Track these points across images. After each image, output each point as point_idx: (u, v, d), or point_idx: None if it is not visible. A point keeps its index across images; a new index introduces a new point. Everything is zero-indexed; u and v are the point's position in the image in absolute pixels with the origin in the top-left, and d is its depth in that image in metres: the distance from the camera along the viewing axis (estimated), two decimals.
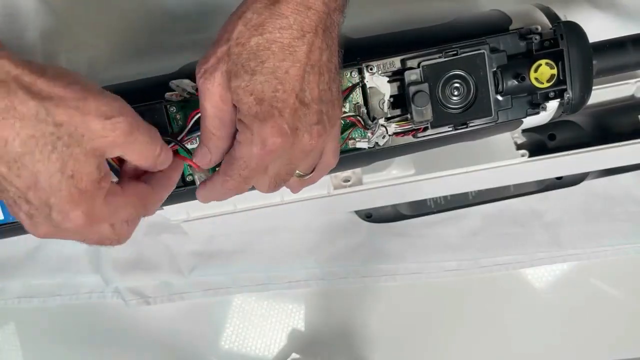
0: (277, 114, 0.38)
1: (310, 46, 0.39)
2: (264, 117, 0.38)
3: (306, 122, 0.40)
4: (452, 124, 0.49)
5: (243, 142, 0.39)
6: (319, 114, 0.40)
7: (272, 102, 0.38)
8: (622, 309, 0.75)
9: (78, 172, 0.35)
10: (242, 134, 0.39)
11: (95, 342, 0.75)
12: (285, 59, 0.38)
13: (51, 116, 0.34)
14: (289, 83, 0.38)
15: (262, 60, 0.38)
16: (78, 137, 0.35)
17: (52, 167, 0.35)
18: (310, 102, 0.40)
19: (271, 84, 0.38)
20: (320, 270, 0.74)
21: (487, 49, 0.48)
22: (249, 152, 0.39)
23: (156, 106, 0.46)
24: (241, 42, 0.38)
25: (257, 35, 0.38)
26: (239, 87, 0.38)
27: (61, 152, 0.35)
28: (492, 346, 0.74)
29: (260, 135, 0.39)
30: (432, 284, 0.75)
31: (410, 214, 0.74)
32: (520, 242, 0.75)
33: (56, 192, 0.35)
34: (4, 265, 0.74)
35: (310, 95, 0.40)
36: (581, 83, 0.49)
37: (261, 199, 0.66)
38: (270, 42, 0.38)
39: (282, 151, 0.40)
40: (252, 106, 0.38)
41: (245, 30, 0.38)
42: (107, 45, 0.70)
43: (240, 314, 0.75)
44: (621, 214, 0.75)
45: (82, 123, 0.35)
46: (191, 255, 0.74)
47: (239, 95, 0.38)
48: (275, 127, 0.38)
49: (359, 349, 0.74)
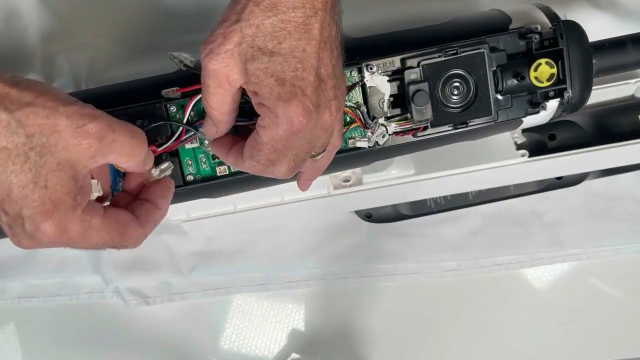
0: (300, 92, 0.38)
1: (322, 23, 0.39)
2: (287, 97, 0.38)
3: (325, 98, 0.40)
4: (452, 123, 0.49)
5: (268, 125, 0.39)
6: (334, 89, 0.40)
7: (294, 82, 0.38)
8: (622, 309, 0.75)
9: (52, 183, 0.35)
10: (267, 118, 0.39)
11: (95, 342, 0.75)
12: (301, 38, 0.38)
13: (22, 127, 0.34)
14: (308, 61, 0.38)
15: (280, 40, 0.38)
16: (51, 148, 0.35)
17: (25, 178, 0.35)
18: (326, 79, 0.40)
19: (291, 64, 0.38)
20: (320, 270, 0.74)
21: (487, 48, 0.48)
22: (275, 134, 0.39)
23: (156, 105, 0.46)
24: (255, 24, 0.38)
25: (272, 16, 0.38)
26: (259, 69, 0.38)
27: (34, 162, 0.35)
28: (492, 346, 0.74)
29: (287, 116, 0.38)
30: (432, 284, 0.75)
31: (410, 214, 0.74)
32: (520, 242, 0.75)
33: (29, 203, 0.35)
34: (4, 265, 0.74)
35: (325, 72, 0.40)
36: (581, 82, 0.49)
37: (261, 199, 0.66)
38: (285, 23, 0.38)
39: (308, 129, 0.39)
40: (274, 87, 0.38)
41: (259, 11, 0.38)
42: (107, 45, 0.70)
43: (240, 314, 0.75)
44: (621, 214, 0.75)
45: (53, 133, 0.35)
46: (191, 255, 0.74)
47: (258, 78, 0.38)
48: (299, 106, 0.38)
49: (359, 349, 0.74)
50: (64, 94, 0.37)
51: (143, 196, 0.43)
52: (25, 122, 0.34)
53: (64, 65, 0.68)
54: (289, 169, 0.42)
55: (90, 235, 0.38)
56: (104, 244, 0.39)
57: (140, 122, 0.45)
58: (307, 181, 0.47)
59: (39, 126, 0.35)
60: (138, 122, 0.45)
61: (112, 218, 0.39)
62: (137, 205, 0.42)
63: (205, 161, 0.48)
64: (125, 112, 0.45)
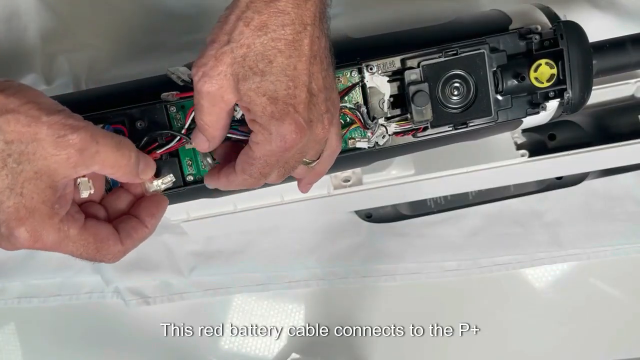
0: (292, 110, 0.38)
1: (311, 37, 0.39)
2: (280, 115, 0.38)
3: (318, 113, 0.40)
4: (452, 123, 0.49)
5: (261, 142, 0.39)
6: (326, 102, 0.41)
7: (287, 100, 0.38)
8: (622, 309, 0.75)
9: (28, 191, 0.35)
10: (260, 135, 0.39)
11: (95, 342, 0.75)
12: (292, 55, 0.38)
13: (2, 133, 0.35)
14: (299, 78, 0.39)
15: (270, 60, 0.38)
16: (29, 156, 0.35)
17: (1, 184, 0.35)
18: (317, 92, 0.40)
19: (282, 82, 0.38)
20: (320, 270, 0.74)
21: (487, 49, 0.48)
22: (269, 150, 0.40)
23: (156, 106, 0.46)
24: (245, 44, 0.38)
25: (262, 35, 0.38)
26: (250, 89, 0.38)
27: (11, 169, 0.35)
28: (492, 346, 0.74)
29: (280, 133, 0.39)
30: (432, 284, 0.75)
31: (410, 214, 0.74)
32: (520, 242, 0.75)
33: (4, 208, 0.35)
34: (4, 265, 0.74)
35: (316, 86, 0.40)
36: (581, 83, 0.49)
37: (261, 199, 0.66)
38: (275, 41, 0.38)
39: (300, 145, 0.40)
40: (266, 106, 0.38)
41: (249, 31, 0.38)
42: (107, 45, 0.70)
43: (240, 314, 0.75)
44: (621, 214, 0.75)
45: (33, 142, 0.35)
46: (191, 255, 0.74)
47: (250, 97, 0.38)
48: (292, 124, 0.38)
49: (359, 349, 0.74)
50: (51, 103, 0.37)
51: (132, 211, 0.44)
52: (5, 129, 0.35)
53: (64, 65, 0.68)
54: (278, 176, 0.43)
55: (65, 244, 0.38)
56: (79, 255, 0.40)
57: (140, 123, 0.45)
58: (307, 185, 0.48)
59: (19, 133, 0.35)
60: (138, 123, 0.45)
61: (90, 231, 0.40)
62: (123, 220, 0.42)
63: None
64: (125, 113, 0.45)
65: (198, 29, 0.69)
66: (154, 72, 0.52)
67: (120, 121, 0.45)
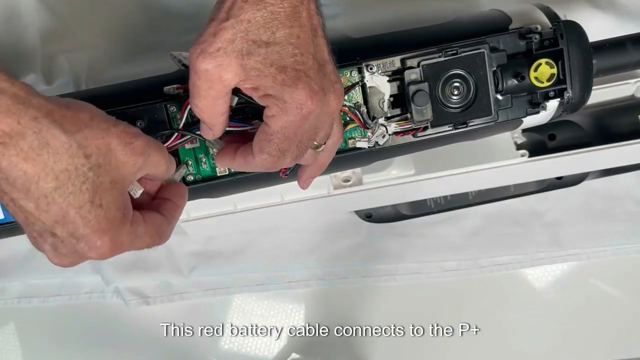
0: (303, 75, 0.38)
1: (309, 11, 0.39)
2: (292, 81, 0.38)
3: (329, 81, 0.40)
4: (452, 123, 0.49)
5: (277, 114, 0.39)
6: (334, 73, 0.41)
7: (295, 66, 0.38)
8: (622, 309, 0.75)
9: (106, 201, 0.36)
10: (274, 107, 0.39)
11: (95, 342, 0.75)
12: (293, 25, 0.38)
13: (82, 148, 0.35)
14: (304, 46, 0.39)
15: (273, 31, 0.38)
16: (105, 166, 0.36)
17: (82, 198, 0.35)
18: (324, 63, 0.40)
19: (288, 51, 0.38)
20: (320, 270, 0.74)
21: (487, 49, 0.48)
22: (286, 121, 0.39)
23: (156, 106, 0.46)
24: (246, 19, 0.38)
25: (261, 9, 0.38)
26: (257, 61, 0.38)
27: (92, 182, 0.36)
28: (492, 346, 0.74)
29: (295, 99, 0.38)
30: (432, 284, 0.75)
31: (410, 214, 0.74)
32: (520, 242, 0.75)
33: (86, 222, 0.36)
34: (4, 265, 0.74)
35: (322, 56, 0.40)
36: (581, 82, 0.49)
37: (261, 199, 0.66)
38: (275, 14, 0.38)
39: (317, 112, 0.39)
40: (276, 75, 0.38)
41: (248, 6, 0.38)
42: (107, 45, 0.70)
43: (240, 314, 0.75)
44: (621, 214, 0.75)
45: (108, 152, 0.36)
46: (191, 255, 0.74)
47: (259, 70, 0.38)
48: (306, 87, 0.38)
49: (359, 349, 0.74)
50: (105, 114, 0.38)
51: (163, 195, 0.44)
52: (85, 143, 0.35)
53: (64, 65, 0.68)
54: (292, 158, 0.42)
55: (137, 243, 0.40)
56: (144, 247, 0.41)
57: (140, 123, 0.45)
58: (308, 179, 0.47)
59: (96, 146, 0.36)
60: (138, 123, 0.45)
61: (150, 222, 0.41)
62: (161, 204, 0.44)
63: (205, 161, 0.48)
64: (126, 112, 0.45)
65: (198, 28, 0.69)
66: (153, 72, 0.52)
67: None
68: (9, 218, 0.48)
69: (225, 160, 0.45)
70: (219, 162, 0.46)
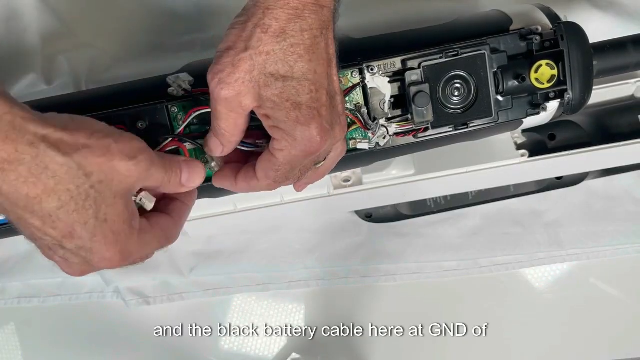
0: (317, 114, 0.39)
1: (327, 41, 0.39)
2: (305, 120, 0.39)
3: (336, 115, 0.41)
4: (452, 124, 0.49)
5: (286, 148, 0.40)
6: (342, 103, 0.42)
7: (310, 104, 0.38)
8: (622, 309, 0.75)
9: (111, 215, 0.37)
10: (284, 141, 0.40)
11: (95, 342, 0.75)
12: (311, 60, 0.38)
13: (82, 168, 0.35)
14: (320, 82, 0.39)
15: (291, 65, 0.38)
16: (107, 182, 0.36)
17: (87, 215, 0.36)
18: (334, 95, 0.41)
19: (305, 87, 0.38)
20: (320, 270, 0.74)
21: (488, 50, 0.48)
22: (294, 156, 0.40)
23: (157, 107, 0.46)
24: (265, 51, 0.38)
25: (281, 42, 0.38)
26: (274, 95, 0.38)
27: (94, 199, 0.36)
28: (492, 346, 0.74)
29: (305, 138, 0.39)
30: (431, 284, 0.75)
31: (410, 214, 0.74)
32: (520, 242, 0.75)
33: (92, 237, 0.36)
34: (4, 265, 0.73)
35: (333, 89, 0.41)
36: (581, 83, 0.49)
37: (261, 199, 0.66)
38: (295, 47, 0.38)
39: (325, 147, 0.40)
40: (290, 112, 0.38)
41: (267, 38, 0.38)
42: (107, 45, 0.70)
43: (240, 314, 0.75)
44: (621, 214, 0.75)
45: (110, 169, 0.36)
46: (191, 255, 0.74)
47: (274, 103, 0.38)
48: (318, 128, 0.39)
49: (359, 349, 0.74)
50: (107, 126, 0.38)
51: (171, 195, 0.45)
52: (84, 163, 0.36)
53: (64, 65, 0.68)
54: (294, 179, 0.44)
55: (146, 251, 0.40)
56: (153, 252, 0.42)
57: (141, 124, 0.45)
58: (305, 184, 0.48)
59: (97, 164, 0.36)
60: (139, 123, 0.45)
61: (157, 227, 0.41)
62: (169, 205, 0.44)
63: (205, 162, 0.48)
64: (127, 113, 0.45)
65: (198, 29, 0.69)
66: (154, 72, 0.52)
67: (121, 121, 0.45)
68: None
69: (226, 184, 0.46)
70: (218, 183, 0.46)
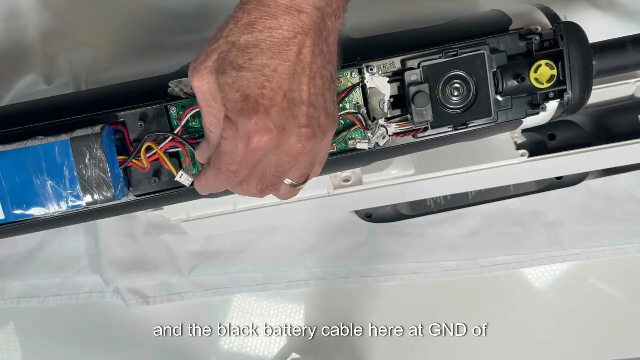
0: (262, 110, 0.38)
1: (301, 47, 0.39)
2: (248, 113, 0.38)
3: (294, 124, 0.39)
4: (452, 124, 0.49)
5: (228, 137, 0.39)
6: (308, 117, 0.40)
7: (259, 99, 0.38)
8: (622, 309, 0.75)
9: None
10: (227, 130, 0.39)
11: (95, 342, 0.75)
12: (274, 57, 0.38)
13: None
14: (277, 81, 0.38)
15: (251, 57, 0.38)
16: None
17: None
18: (299, 104, 0.39)
19: (258, 81, 0.38)
20: (320, 270, 0.74)
21: (487, 50, 0.48)
22: (234, 147, 0.39)
23: (156, 106, 0.46)
24: (231, 40, 0.38)
25: (247, 34, 0.38)
26: (226, 83, 0.38)
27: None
28: (492, 346, 0.74)
29: (245, 131, 0.38)
30: (431, 283, 0.75)
31: (410, 214, 0.74)
32: (520, 242, 0.75)
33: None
34: (4, 265, 0.74)
35: (299, 97, 0.39)
36: (581, 84, 0.49)
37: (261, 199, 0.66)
38: (259, 41, 0.38)
39: (267, 149, 0.39)
40: (237, 102, 0.38)
41: (236, 29, 0.39)
42: (107, 45, 0.70)
43: (240, 314, 0.75)
44: (621, 214, 0.75)
45: None
46: (191, 255, 0.74)
47: (225, 92, 0.38)
48: (259, 123, 0.38)
49: (359, 349, 0.74)
50: None
51: None
52: None
53: (64, 65, 0.68)
54: (257, 189, 0.43)
55: None
56: None
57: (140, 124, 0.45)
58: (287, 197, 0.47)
59: None
60: (139, 124, 0.45)
61: None
62: None
63: None
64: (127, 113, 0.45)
65: (198, 29, 0.69)
66: (154, 72, 0.52)
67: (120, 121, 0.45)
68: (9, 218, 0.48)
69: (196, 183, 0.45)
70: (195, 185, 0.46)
